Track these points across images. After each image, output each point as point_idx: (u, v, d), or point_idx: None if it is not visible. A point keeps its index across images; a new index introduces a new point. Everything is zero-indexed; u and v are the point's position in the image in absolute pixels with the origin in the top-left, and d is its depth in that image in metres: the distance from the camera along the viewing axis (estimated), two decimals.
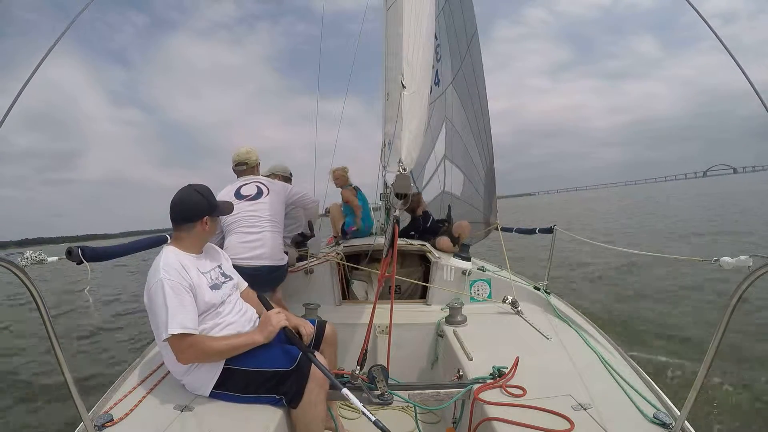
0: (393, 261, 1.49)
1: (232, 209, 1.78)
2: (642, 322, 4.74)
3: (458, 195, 4.46)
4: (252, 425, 1.31)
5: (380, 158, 4.44)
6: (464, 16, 4.08)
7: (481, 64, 3.99)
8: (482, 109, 3.96)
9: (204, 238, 1.61)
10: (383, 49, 2.15)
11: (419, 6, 1.57)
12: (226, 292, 1.58)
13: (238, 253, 2.19)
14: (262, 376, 1.42)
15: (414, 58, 1.49)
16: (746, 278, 0.99)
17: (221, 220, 2.28)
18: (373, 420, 1.18)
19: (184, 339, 1.33)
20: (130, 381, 1.56)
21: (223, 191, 2.42)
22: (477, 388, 1.49)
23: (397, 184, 1.36)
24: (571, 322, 2.20)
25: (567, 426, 1.23)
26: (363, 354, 1.59)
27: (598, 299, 5.85)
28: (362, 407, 1.23)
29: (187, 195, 1.55)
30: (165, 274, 1.36)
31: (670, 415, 1.27)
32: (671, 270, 6.75)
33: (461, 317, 2.29)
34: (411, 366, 2.39)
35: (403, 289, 3.32)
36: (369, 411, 1.21)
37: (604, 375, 1.58)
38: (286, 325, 1.57)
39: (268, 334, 1.51)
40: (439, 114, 4.56)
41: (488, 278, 2.75)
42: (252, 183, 2.46)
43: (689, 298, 5.46)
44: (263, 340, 1.49)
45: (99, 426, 1.24)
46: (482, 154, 3.99)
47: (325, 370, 1.41)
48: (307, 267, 2.89)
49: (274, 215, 2.38)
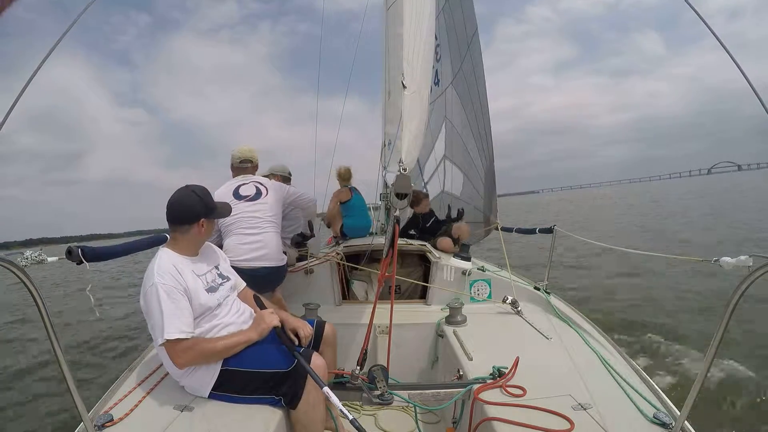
0: (393, 261, 1.49)
1: (230, 211, 1.76)
2: (642, 321, 4.75)
3: (458, 195, 4.46)
4: (252, 425, 1.31)
5: (380, 158, 4.44)
6: (464, 15, 4.08)
7: (481, 64, 3.99)
8: (482, 108, 3.97)
9: (200, 241, 1.59)
10: (383, 49, 2.15)
11: (419, 6, 1.57)
12: (223, 294, 1.57)
13: (239, 254, 2.18)
14: (261, 377, 1.42)
15: (414, 58, 1.49)
16: (746, 278, 0.99)
17: (219, 220, 2.25)
18: (350, 419, 1.19)
19: (179, 343, 1.33)
20: (130, 381, 1.56)
21: (221, 190, 2.38)
22: (477, 388, 1.49)
23: (397, 184, 1.36)
24: (571, 322, 2.20)
25: (567, 426, 1.23)
26: (363, 354, 1.59)
27: (598, 298, 5.86)
28: (340, 406, 1.23)
29: (184, 196, 1.53)
30: (159, 278, 1.36)
31: (670, 415, 1.27)
32: (681, 270, 6.71)
33: (461, 317, 2.29)
34: (411, 366, 2.39)
35: (403, 289, 3.32)
36: (348, 410, 1.22)
37: (604, 375, 1.58)
38: (278, 325, 1.58)
39: (262, 331, 1.52)
40: (439, 114, 4.56)
41: (488, 278, 2.75)
42: (251, 183, 2.43)
43: (690, 298, 5.47)
44: (257, 337, 1.51)
45: (99, 426, 1.24)
46: (482, 153, 4.00)
47: (311, 370, 1.40)
48: (307, 267, 2.89)
49: (273, 216, 2.37)
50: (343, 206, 4.03)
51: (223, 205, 1.68)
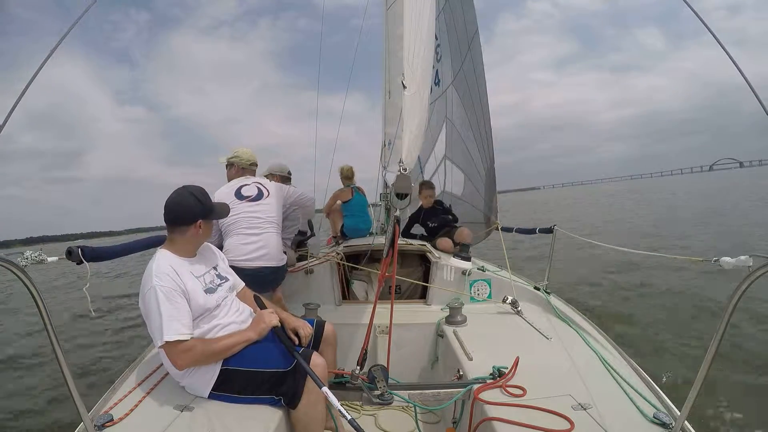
0: (393, 261, 1.49)
1: (228, 212, 1.76)
2: (642, 320, 4.74)
3: (459, 195, 4.46)
4: (252, 425, 1.31)
5: (380, 158, 4.44)
6: (464, 15, 4.07)
7: (482, 64, 3.99)
8: (483, 108, 3.96)
9: (198, 242, 1.58)
10: (383, 49, 2.15)
11: (419, 6, 1.57)
12: (222, 294, 1.56)
13: (240, 254, 2.19)
14: (260, 376, 1.42)
15: (414, 59, 1.49)
16: (746, 278, 0.99)
17: (220, 220, 2.25)
18: (348, 419, 1.19)
19: (179, 345, 1.33)
20: (130, 381, 1.56)
21: (222, 190, 2.39)
22: (477, 388, 1.50)
23: (397, 184, 1.36)
24: (571, 321, 2.20)
25: (567, 426, 1.23)
26: (363, 354, 1.59)
27: (599, 297, 5.85)
28: (339, 406, 1.24)
29: (181, 197, 1.51)
30: (157, 280, 1.36)
31: (670, 415, 1.27)
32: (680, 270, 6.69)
33: (461, 317, 2.29)
34: (411, 366, 2.39)
35: (403, 289, 3.32)
36: (347, 410, 1.23)
37: (604, 375, 1.58)
38: (278, 325, 1.58)
39: (261, 331, 1.53)
40: (439, 114, 4.56)
41: (488, 278, 2.75)
42: (252, 184, 2.45)
43: (691, 298, 5.46)
44: (257, 337, 1.51)
45: (99, 426, 1.24)
46: (483, 153, 3.99)
47: (309, 369, 1.40)
48: (307, 267, 2.89)
49: (274, 216, 2.38)
50: (344, 206, 4.03)
51: (221, 206, 1.67)
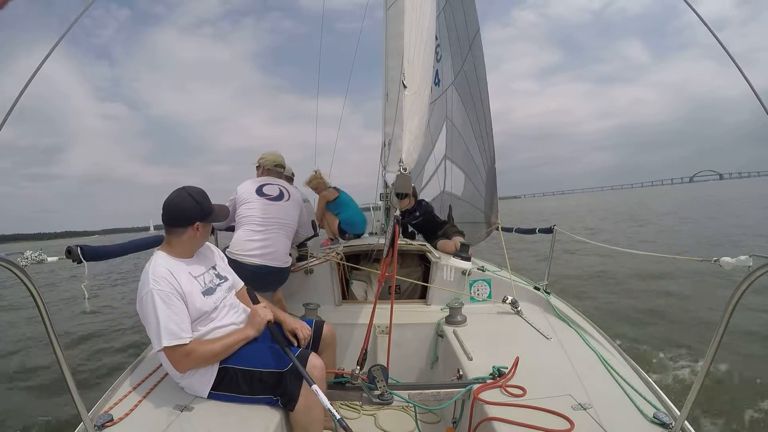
0: (393, 261, 1.48)
1: (227, 215, 1.75)
2: (642, 320, 4.74)
3: (459, 195, 4.45)
4: (251, 425, 1.31)
5: (380, 158, 4.43)
6: (465, 15, 4.07)
7: (483, 64, 3.98)
8: (483, 108, 3.96)
9: (195, 244, 1.56)
10: (383, 49, 2.14)
11: (420, 5, 1.57)
12: (220, 295, 1.55)
13: (243, 248, 2.20)
14: (258, 375, 1.42)
15: (415, 58, 1.49)
16: (746, 278, 0.99)
17: (236, 208, 2.32)
18: (337, 418, 1.20)
19: (177, 349, 1.33)
20: (129, 381, 1.56)
21: (246, 184, 2.44)
22: (477, 388, 1.50)
23: (397, 184, 1.36)
24: (571, 322, 2.20)
25: (567, 426, 1.23)
26: (363, 354, 1.59)
27: (599, 297, 5.86)
28: (328, 405, 1.24)
29: (180, 198, 1.49)
30: (154, 284, 1.34)
31: (670, 415, 1.27)
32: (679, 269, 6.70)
33: (461, 317, 2.29)
34: (411, 366, 2.39)
35: (403, 289, 3.31)
36: (335, 409, 1.24)
37: (603, 375, 1.58)
38: (271, 319, 1.59)
39: (258, 326, 1.54)
40: (440, 114, 4.56)
41: (488, 278, 2.75)
42: (275, 185, 2.51)
43: (692, 297, 5.47)
44: (255, 333, 1.53)
45: (99, 426, 1.24)
46: (483, 153, 3.99)
47: (300, 366, 1.40)
48: (307, 267, 2.89)
49: (288, 220, 2.41)
50: (333, 205, 3.92)
51: (221, 209, 1.64)
